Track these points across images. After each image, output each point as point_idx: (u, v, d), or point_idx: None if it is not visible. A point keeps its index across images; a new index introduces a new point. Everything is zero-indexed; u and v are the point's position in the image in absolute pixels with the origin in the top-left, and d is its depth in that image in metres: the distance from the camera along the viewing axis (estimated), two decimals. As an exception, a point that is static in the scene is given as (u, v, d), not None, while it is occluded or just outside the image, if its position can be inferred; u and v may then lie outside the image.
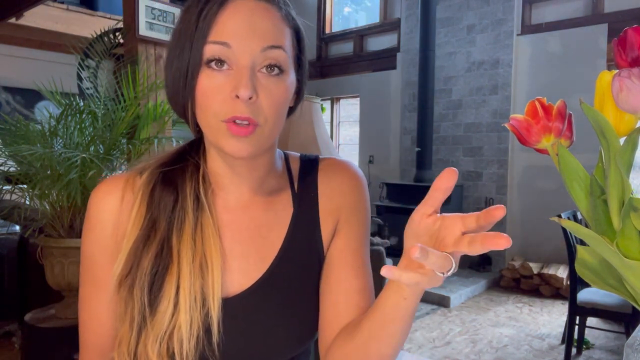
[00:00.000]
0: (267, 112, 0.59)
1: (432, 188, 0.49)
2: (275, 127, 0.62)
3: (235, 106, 0.58)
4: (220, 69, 0.59)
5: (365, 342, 0.60)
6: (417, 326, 3.86)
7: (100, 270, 0.66)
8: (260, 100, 0.59)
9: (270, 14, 0.60)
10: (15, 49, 5.11)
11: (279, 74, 0.60)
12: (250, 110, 0.58)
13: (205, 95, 0.59)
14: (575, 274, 2.87)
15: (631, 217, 0.39)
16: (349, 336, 0.63)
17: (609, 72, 0.43)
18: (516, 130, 0.46)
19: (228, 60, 0.58)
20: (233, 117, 0.58)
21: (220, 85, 0.58)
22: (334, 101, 7.20)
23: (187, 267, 0.61)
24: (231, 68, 0.59)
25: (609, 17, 4.69)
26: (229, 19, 0.58)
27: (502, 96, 5.26)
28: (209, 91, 0.59)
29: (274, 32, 0.60)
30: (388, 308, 0.56)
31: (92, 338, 0.69)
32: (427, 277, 0.47)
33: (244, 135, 0.58)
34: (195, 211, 0.64)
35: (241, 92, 0.57)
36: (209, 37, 0.58)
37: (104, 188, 0.67)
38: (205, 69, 0.59)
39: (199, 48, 0.58)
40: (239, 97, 0.57)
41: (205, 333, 0.61)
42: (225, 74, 0.58)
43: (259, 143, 0.60)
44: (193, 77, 0.59)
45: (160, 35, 2.71)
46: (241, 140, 0.58)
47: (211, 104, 0.59)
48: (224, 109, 0.58)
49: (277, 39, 0.60)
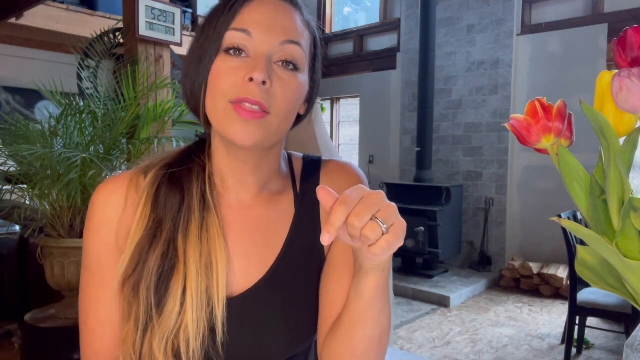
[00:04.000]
0: (279, 102, 0.59)
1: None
2: (284, 122, 0.62)
3: (247, 89, 0.58)
4: (238, 56, 0.60)
5: (350, 331, 0.61)
6: (417, 326, 3.86)
7: (108, 272, 0.65)
8: (274, 89, 0.59)
9: (293, 14, 0.63)
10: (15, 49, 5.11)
11: (294, 70, 0.61)
12: (262, 95, 0.58)
13: (218, 77, 0.59)
14: (575, 274, 2.87)
15: (631, 217, 0.39)
16: (334, 330, 0.64)
17: (609, 72, 0.43)
18: (516, 130, 0.46)
19: (246, 48, 0.59)
20: (244, 98, 0.57)
21: (235, 68, 0.59)
22: (334, 101, 7.20)
23: (194, 266, 0.61)
24: (248, 56, 0.59)
25: (609, 17, 4.69)
26: (254, 11, 0.60)
27: (502, 96, 5.26)
28: (223, 72, 0.59)
29: (294, 29, 0.62)
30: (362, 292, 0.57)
31: (101, 345, 0.66)
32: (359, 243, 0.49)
33: (252, 118, 0.58)
34: (201, 211, 0.64)
35: (256, 75, 0.57)
36: (231, 24, 0.60)
37: (108, 188, 0.67)
38: (222, 55, 0.60)
39: (221, 34, 0.60)
40: (252, 81, 0.57)
41: (210, 332, 0.61)
42: (242, 60, 0.59)
43: (266, 132, 0.59)
44: (210, 61, 0.60)
45: (160, 35, 2.70)
46: (249, 123, 0.58)
47: (222, 84, 0.59)
48: (235, 90, 0.58)
49: (296, 35, 0.62)
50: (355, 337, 0.61)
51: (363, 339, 0.61)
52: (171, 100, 2.61)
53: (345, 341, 0.62)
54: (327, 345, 0.65)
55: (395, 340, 3.54)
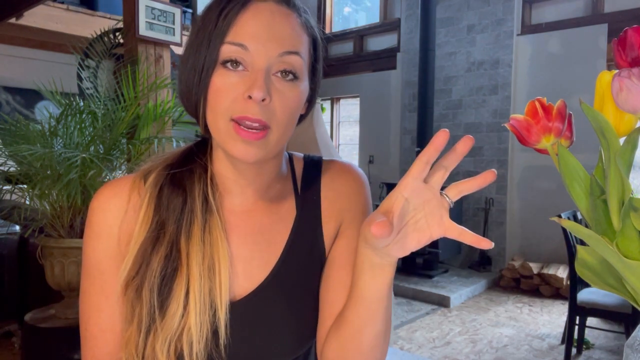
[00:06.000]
0: (279, 116, 0.59)
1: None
2: (286, 133, 0.61)
3: (247, 107, 0.57)
4: (236, 69, 0.58)
5: (359, 329, 0.61)
6: (417, 326, 3.86)
7: (109, 277, 0.65)
8: (274, 104, 0.58)
9: (290, 19, 0.60)
10: (15, 49, 5.11)
11: (293, 79, 0.60)
12: (262, 112, 0.57)
13: (218, 94, 0.58)
14: (575, 274, 2.87)
15: (631, 217, 0.39)
16: (338, 329, 0.64)
17: (609, 72, 0.43)
18: (516, 130, 0.46)
19: (244, 62, 0.58)
20: (244, 117, 0.57)
21: (234, 84, 0.58)
22: (334, 101, 7.20)
23: (197, 269, 0.61)
24: (246, 69, 0.58)
25: (609, 17, 4.69)
26: (249, 21, 0.58)
27: (502, 96, 5.26)
28: (222, 89, 0.58)
29: (292, 37, 0.60)
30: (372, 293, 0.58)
31: (103, 351, 0.66)
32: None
33: (254, 139, 0.57)
34: (203, 213, 0.63)
35: (255, 92, 0.56)
36: (227, 37, 0.58)
37: (107, 192, 0.66)
38: (220, 68, 0.59)
39: (216, 47, 0.58)
40: (251, 98, 0.57)
41: (213, 335, 0.61)
42: (240, 75, 0.58)
43: (267, 148, 0.59)
44: (207, 75, 0.59)
45: (160, 35, 2.70)
46: (251, 144, 0.58)
47: (222, 102, 0.58)
48: (235, 107, 0.57)
49: (295, 45, 0.60)
50: (365, 335, 0.61)
51: (372, 336, 0.61)
52: (171, 100, 2.61)
53: (354, 339, 0.62)
54: (332, 344, 0.65)
55: (395, 340, 3.54)
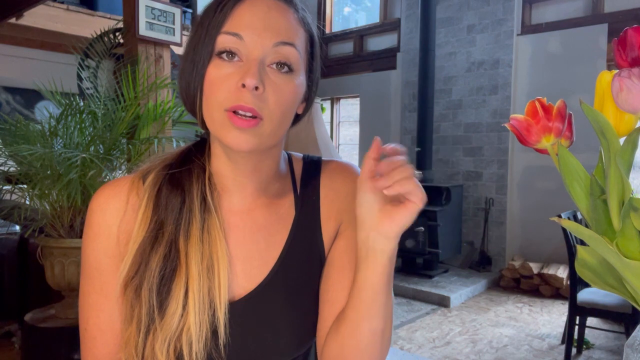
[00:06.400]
0: (272, 107, 0.59)
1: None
2: (280, 126, 0.61)
3: (240, 95, 0.57)
4: (231, 60, 0.59)
5: (357, 324, 0.61)
6: (417, 326, 3.86)
7: (108, 278, 0.65)
8: (267, 94, 0.58)
9: (287, 13, 0.61)
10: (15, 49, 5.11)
11: (289, 72, 0.60)
12: (254, 101, 0.57)
13: (212, 84, 0.59)
14: (575, 274, 2.87)
15: (631, 217, 0.39)
16: (337, 327, 0.64)
17: (609, 72, 0.43)
18: (516, 130, 0.46)
19: (239, 52, 0.59)
20: (237, 105, 0.57)
21: (228, 75, 0.58)
22: (334, 101, 7.20)
23: (196, 269, 0.61)
24: (241, 60, 0.59)
25: (609, 17, 4.69)
26: (245, 12, 0.59)
27: (502, 96, 5.26)
28: (217, 80, 0.59)
29: (288, 29, 0.60)
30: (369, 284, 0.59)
31: (102, 351, 0.66)
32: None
33: (247, 127, 0.58)
34: (202, 213, 0.64)
35: (247, 80, 0.57)
36: (223, 27, 0.59)
37: (105, 193, 0.66)
38: (215, 59, 0.59)
39: (212, 38, 0.59)
40: (244, 87, 0.57)
41: (212, 335, 0.61)
42: (235, 66, 0.59)
43: (261, 138, 0.59)
44: (204, 66, 0.60)
45: (160, 35, 2.70)
46: (243, 131, 0.58)
47: (217, 92, 0.59)
48: (229, 98, 0.58)
49: (290, 36, 0.60)
50: (363, 331, 0.61)
51: (369, 332, 0.61)
52: (171, 100, 2.61)
53: (351, 336, 0.62)
54: (330, 343, 0.65)
55: (395, 340, 3.54)
